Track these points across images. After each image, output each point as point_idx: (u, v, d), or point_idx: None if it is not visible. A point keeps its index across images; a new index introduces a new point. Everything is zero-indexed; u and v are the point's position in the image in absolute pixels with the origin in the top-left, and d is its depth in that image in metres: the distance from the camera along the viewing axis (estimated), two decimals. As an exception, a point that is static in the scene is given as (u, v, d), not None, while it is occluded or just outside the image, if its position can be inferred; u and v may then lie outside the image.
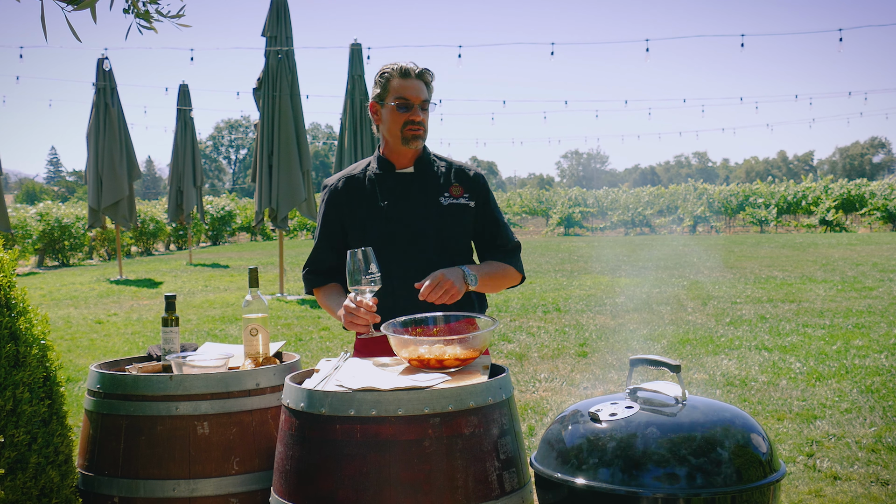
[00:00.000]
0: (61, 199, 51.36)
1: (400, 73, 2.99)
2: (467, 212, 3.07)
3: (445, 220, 3.03)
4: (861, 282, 13.36)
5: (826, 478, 4.52)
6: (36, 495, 2.63)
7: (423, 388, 2.27)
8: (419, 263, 2.94)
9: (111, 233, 22.41)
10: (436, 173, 3.10)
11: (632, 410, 2.41)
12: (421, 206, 3.03)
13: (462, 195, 3.07)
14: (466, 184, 3.10)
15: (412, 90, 2.98)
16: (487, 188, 3.16)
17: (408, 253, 2.98)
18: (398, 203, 3.03)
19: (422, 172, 3.08)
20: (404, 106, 2.97)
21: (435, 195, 3.05)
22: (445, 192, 3.06)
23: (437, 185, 3.07)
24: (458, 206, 3.06)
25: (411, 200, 3.04)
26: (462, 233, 3.07)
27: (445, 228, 3.02)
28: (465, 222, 3.07)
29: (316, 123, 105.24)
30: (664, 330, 9.23)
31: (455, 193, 3.07)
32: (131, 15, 2.92)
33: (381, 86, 3.02)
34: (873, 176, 68.59)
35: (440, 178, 3.08)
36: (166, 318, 3.02)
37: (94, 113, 16.04)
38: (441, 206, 3.04)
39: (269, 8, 12.92)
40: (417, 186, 3.05)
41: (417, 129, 2.99)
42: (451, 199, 3.06)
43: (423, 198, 3.04)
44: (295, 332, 9.55)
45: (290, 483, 2.32)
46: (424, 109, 3.01)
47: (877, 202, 31.43)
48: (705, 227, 33.53)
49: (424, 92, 3.01)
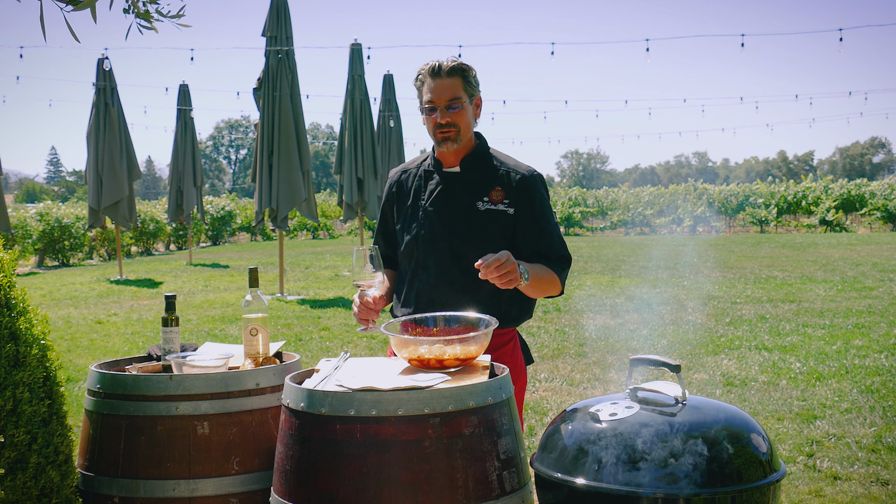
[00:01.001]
0: (61, 199, 51.39)
1: (429, 73, 2.88)
2: (505, 219, 2.90)
3: (478, 226, 2.89)
4: (861, 282, 13.36)
5: (826, 478, 4.52)
6: (36, 495, 2.63)
7: (423, 388, 2.27)
8: (445, 269, 2.89)
9: (111, 233, 22.40)
10: (482, 174, 2.94)
11: (632, 410, 2.41)
12: (457, 209, 2.91)
13: (501, 201, 2.90)
14: (509, 188, 2.91)
15: (437, 90, 2.85)
16: (534, 193, 2.93)
17: (435, 256, 2.91)
18: (437, 203, 2.94)
19: (467, 173, 2.95)
20: (429, 108, 2.88)
21: (474, 198, 2.91)
22: (486, 196, 2.91)
23: (479, 188, 2.92)
24: (495, 213, 2.89)
25: (450, 202, 2.93)
26: (496, 241, 2.88)
27: (476, 234, 2.88)
28: (501, 230, 2.90)
29: (316, 123, 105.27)
30: (664, 330, 9.23)
31: (495, 199, 2.90)
32: (131, 15, 2.92)
33: (417, 88, 2.94)
34: (873, 176, 68.60)
35: (484, 180, 2.93)
36: (166, 318, 3.02)
37: (94, 113, 16.04)
38: (476, 211, 2.90)
39: (269, 8, 12.92)
40: (460, 188, 2.94)
41: (446, 131, 2.87)
42: (488, 205, 2.90)
43: (462, 200, 2.92)
44: (295, 332, 9.55)
45: (290, 483, 2.32)
46: (453, 108, 2.86)
47: (877, 202, 31.42)
48: (705, 227, 33.52)
49: (454, 89, 2.85)
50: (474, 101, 2.94)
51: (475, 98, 2.94)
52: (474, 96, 2.92)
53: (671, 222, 34.02)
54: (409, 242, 2.98)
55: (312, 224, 34.31)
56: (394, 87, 17.10)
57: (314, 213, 13.62)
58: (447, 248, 2.91)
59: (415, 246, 2.96)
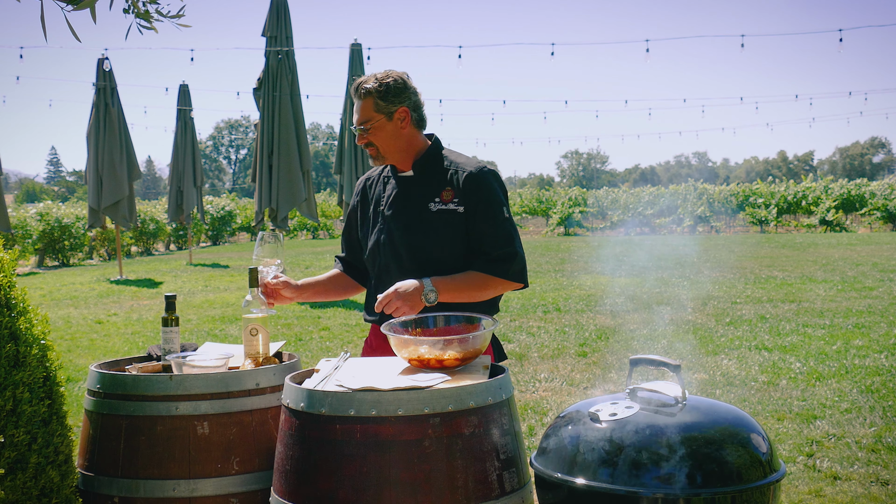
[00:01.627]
0: (61, 199, 51.38)
1: (353, 92, 2.95)
2: (457, 218, 2.89)
3: (431, 228, 2.90)
4: (861, 282, 13.36)
5: (826, 478, 4.52)
6: (36, 495, 2.63)
7: (423, 388, 2.27)
8: (403, 272, 2.91)
9: (111, 233, 22.40)
10: (433, 176, 2.96)
11: (632, 410, 2.41)
12: (411, 212, 2.94)
13: (451, 200, 2.90)
14: (458, 187, 2.91)
15: (355, 111, 2.94)
16: (482, 188, 2.90)
17: (393, 260, 2.96)
18: (393, 208, 2.98)
19: (419, 176, 2.98)
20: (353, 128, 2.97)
21: (426, 200, 2.93)
22: (437, 196, 2.92)
23: (431, 189, 2.94)
24: (447, 213, 2.90)
25: (405, 205, 2.96)
26: (451, 240, 2.89)
27: (430, 236, 2.90)
28: (453, 230, 2.89)
29: (316, 123, 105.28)
30: (664, 330, 9.23)
31: (445, 198, 2.91)
32: (131, 15, 2.93)
33: None
34: (873, 176, 68.54)
35: (436, 181, 2.95)
36: (166, 318, 3.02)
37: (94, 113, 16.04)
38: (429, 213, 2.91)
39: (269, 8, 12.92)
40: (413, 191, 2.96)
41: (367, 150, 2.97)
42: (440, 205, 2.91)
43: (415, 203, 2.94)
44: (295, 332, 9.55)
45: (290, 483, 2.32)
46: (366, 130, 2.91)
47: (877, 202, 31.42)
48: (705, 227, 33.52)
49: (365, 111, 2.90)
50: (395, 115, 2.91)
51: (397, 112, 2.91)
52: (393, 112, 2.91)
53: (671, 222, 34.01)
54: (372, 248, 3.03)
55: (312, 224, 34.31)
56: (394, 87, 17.08)
57: (314, 213, 13.62)
58: (406, 250, 2.93)
59: (377, 251, 3.00)
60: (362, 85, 2.90)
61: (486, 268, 2.89)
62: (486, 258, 2.90)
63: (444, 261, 2.90)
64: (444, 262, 2.90)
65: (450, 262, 2.90)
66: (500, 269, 2.89)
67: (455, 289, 2.85)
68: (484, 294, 2.93)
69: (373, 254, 3.03)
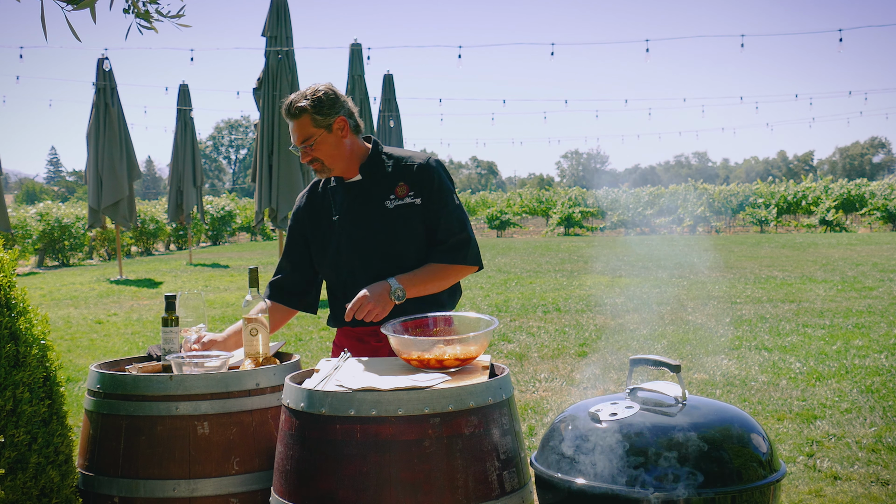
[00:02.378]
0: (61, 199, 51.39)
1: (285, 114, 2.93)
2: (415, 210, 2.93)
3: (392, 225, 2.93)
4: (861, 282, 13.36)
5: (826, 478, 4.52)
6: (36, 495, 2.63)
7: (423, 388, 2.27)
8: (368, 274, 2.92)
9: (111, 233, 22.41)
10: (383, 175, 2.98)
11: (632, 410, 2.41)
12: (368, 214, 2.96)
13: (407, 194, 2.94)
14: (410, 179, 2.95)
15: (293, 132, 2.93)
16: (434, 178, 2.96)
17: (358, 265, 2.95)
18: (347, 214, 2.98)
19: (368, 178, 2.99)
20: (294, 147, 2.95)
21: (381, 199, 2.95)
22: (391, 194, 2.95)
23: (384, 188, 2.96)
24: (405, 207, 2.93)
25: (358, 210, 2.97)
26: (415, 234, 2.95)
27: (393, 233, 2.93)
28: (413, 222, 2.94)
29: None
30: (664, 330, 9.23)
31: (400, 193, 2.94)
32: (131, 15, 2.93)
33: None
34: (873, 176, 68.55)
35: (386, 180, 2.97)
36: (166, 318, 3.02)
37: (94, 113, 16.04)
38: (387, 211, 2.94)
39: (269, 8, 12.92)
40: (364, 194, 2.98)
41: (312, 166, 2.95)
42: (397, 201, 2.94)
43: (369, 205, 2.96)
44: (295, 332, 9.55)
45: (291, 483, 2.32)
46: (308, 146, 2.90)
47: (877, 202, 31.43)
48: (705, 227, 33.52)
49: (304, 129, 2.89)
50: (334, 126, 2.92)
51: (335, 122, 2.92)
52: (331, 123, 2.91)
53: (671, 222, 34.02)
54: (333, 258, 3.01)
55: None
56: (394, 87, 17.11)
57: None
58: (372, 252, 2.94)
59: (339, 260, 2.99)
60: (294, 104, 2.89)
61: (444, 257, 2.95)
62: (444, 247, 2.96)
63: (410, 255, 2.95)
64: (410, 256, 2.95)
65: (416, 255, 2.96)
66: (458, 256, 2.97)
67: (420, 282, 2.90)
68: (447, 283, 3.00)
69: (334, 264, 3.02)
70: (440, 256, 2.95)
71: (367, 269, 2.93)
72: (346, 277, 3.00)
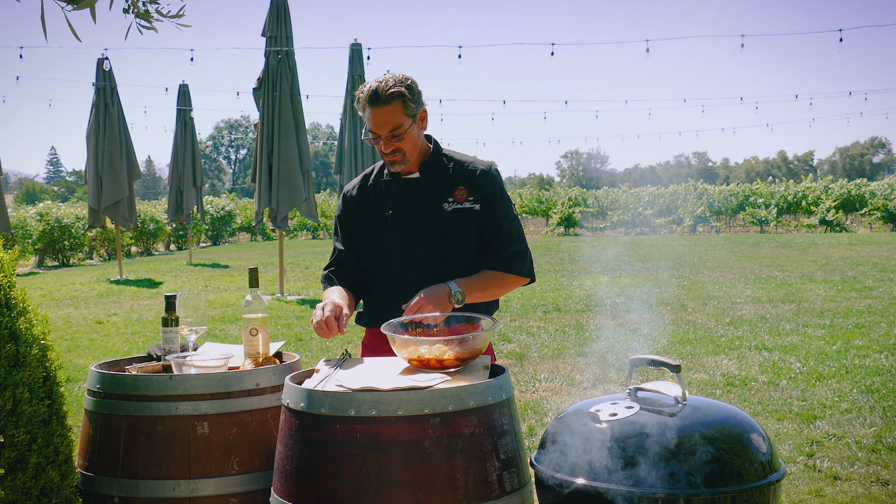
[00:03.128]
0: (61, 199, 51.39)
1: (368, 100, 2.79)
2: (473, 216, 2.90)
3: (448, 228, 2.89)
4: (861, 282, 13.36)
5: (826, 478, 4.52)
6: (36, 495, 2.63)
7: (423, 388, 2.27)
8: (419, 274, 2.88)
9: (111, 233, 22.41)
10: (442, 176, 2.93)
11: (632, 410, 2.41)
12: (423, 214, 2.91)
13: (467, 199, 2.90)
14: (472, 185, 2.91)
15: (377, 121, 2.80)
16: (495, 186, 2.94)
17: (408, 263, 2.90)
18: (401, 211, 2.93)
19: (427, 177, 2.94)
20: (373, 137, 2.84)
21: (439, 200, 2.91)
22: (450, 196, 2.91)
23: (442, 190, 2.91)
24: (463, 211, 2.90)
25: (414, 208, 2.92)
26: (467, 239, 2.91)
27: (448, 236, 2.89)
28: (470, 227, 2.90)
29: (316, 123, 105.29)
30: (664, 330, 9.23)
31: (460, 198, 2.90)
32: (131, 15, 2.92)
33: (360, 112, 2.86)
34: (873, 176, 68.54)
35: (446, 181, 2.93)
36: (166, 318, 3.02)
37: (94, 113, 16.04)
38: (444, 213, 2.90)
39: (269, 8, 12.92)
40: (422, 193, 2.93)
41: (392, 157, 2.86)
42: (455, 205, 2.90)
43: (426, 204, 2.91)
44: (295, 332, 9.55)
45: (290, 483, 2.32)
46: (396, 137, 2.81)
47: (877, 202, 31.44)
48: (705, 227, 33.52)
49: (394, 117, 2.78)
50: (418, 116, 2.86)
51: (419, 113, 2.86)
52: (417, 114, 2.85)
53: (671, 222, 34.02)
54: (381, 253, 2.96)
55: (312, 224, 34.31)
56: (394, 87, 17.07)
57: (314, 213, 13.61)
58: (420, 253, 2.90)
59: (388, 255, 2.94)
60: (385, 90, 2.76)
61: (502, 265, 2.93)
62: (502, 255, 2.93)
63: (462, 260, 2.92)
64: (462, 261, 2.92)
65: (468, 261, 2.93)
66: (516, 266, 2.94)
67: (478, 288, 2.87)
68: (502, 291, 2.98)
69: (382, 259, 2.96)
70: (499, 265, 2.92)
71: (415, 268, 2.89)
72: (391, 273, 2.94)
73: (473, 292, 2.85)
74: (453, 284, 2.80)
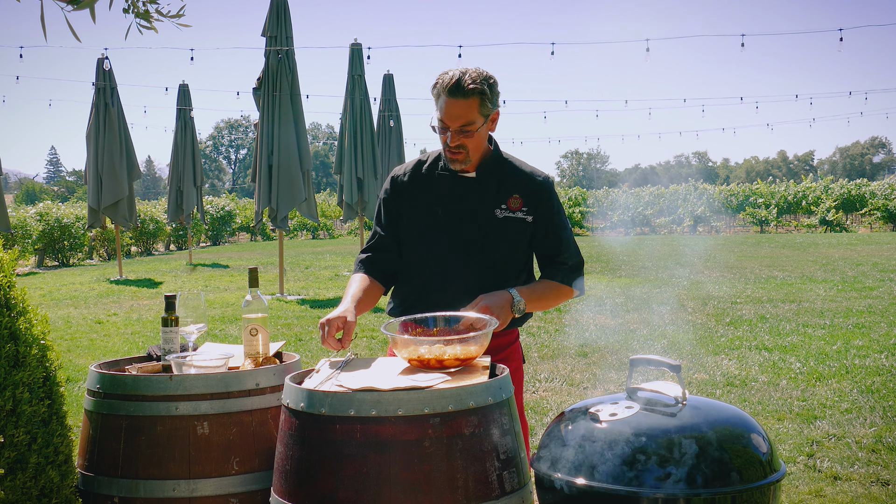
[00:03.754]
0: (61, 199, 51.38)
1: (447, 90, 2.69)
2: (524, 226, 2.84)
3: (497, 235, 2.83)
4: (861, 282, 13.36)
5: (826, 478, 4.52)
6: (36, 495, 2.63)
7: (423, 388, 2.27)
8: (462, 278, 2.83)
9: (111, 233, 22.41)
10: (498, 181, 2.85)
11: (632, 410, 2.41)
12: (474, 217, 2.83)
13: (520, 208, 2.83)
14: (527, 195, 2.84)
15: (450, 112, 2.70)
16: (552, 198, 2.89)
17: (451, 265, 2.84)
18: (452, 210, 2.85)
19: (483, 179, 2.85)
20: (442, 129, 2.75)
21: (492, 206, 2.83)
22: (503, 203, 2.84)
23: (496, 195, 2.83)
24: (514, 221, 2.83)
25: (465, 209, 2.84)
26: (516, 248, 2.86)
27: (495, 243, 2.83)
28: (520, 237, 2.85)
29: (316, 123, 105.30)
30: (664, 330, 9.23)
31: (513, 206, 2.83)
32: (131, 15, 2.92)
33: (434, 97, 2.76)
34: (873, 176, 68.56)
35: (501, 187, 2.84)
36: (166, 318, 3.02)
37: (94, 113, 16.03)
38: (495, 220, 2.83)
39: (269, 8, 12.92)
40: (475, 195, 2.85)
41: (455, 153, 2.76)
42: (507, 213, 2.83)
43: (478, 208, 2.84)
44: (295, 332, 9.55)
45: (290, 483, 2.32)
46: (465, 133, 2.72)
47: (877, 202, 31.45)
48: (705, 227, 33.53)
49: (469, 113, 2.69)
50: (490, 117, 2.77)
51: (492, 114, 2.78)
52: (490, 114, 2.76)
53: (671, 222, 34.02)
54: (425, 250, 2.88)
55: (312, 224, 34.31)
56: (394, 87, 17.10)
57: (314, 213, 13.61)
58: (466, 256, 2.84)
59: (432, 253, 2.87)
60: (467, 83, 2.67)
61: (563, 277, 2.90)
62: (564, 267, 2.90)
63: (508, 269, 2.87)
64: (508, 270, 2.87)
65: (513, 270, 2.89)
66: (575, 279, 2.92)
67: (537, 298, 2.85)
68: (557, 302, 2.95)
69: (426, 256, 2.88)
70: (560, 276, 2.89)
71: (457, 272, 2.83)
72: (434, 272, 2.87)
73: (532, 302, 2.81)
74: (515, 293, 2.75)
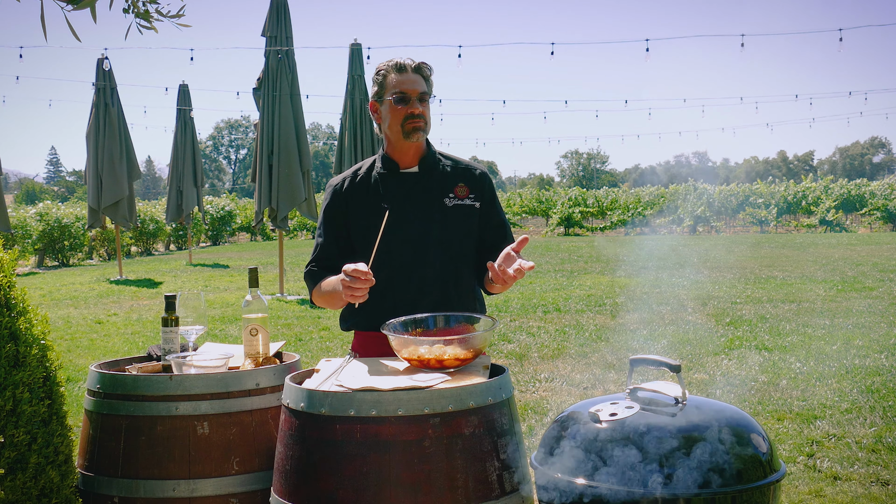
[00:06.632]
0: (61, 199, 51.37)
1: (396, 69, 2.95)
2: (473, 213, 3.00)
3: (449, 223, 2.96)
4: (861, 282, 13.36)
5: (826, 478, 4.52)
6: (36, 495, 2.63)
7: (423, 388, 2.27)
8: (421, 267, 2.91)
9: (111, 233, 22.40)
10: (441, 173, 3.01)
11: (632, 410, 2.41)
12: (424, 208, 2.96)
13: (468, 196, 3.00)
14: (472, 183, 3.02)
15: (408, 83, 2.92)
16: (493, 187, 3.08)
17: (409, 256, 2.92)
18: (401, 204, 2.95)
19: (426, 172, 3.00)
20: (402, 99, 2.91)
21: (439, 196, 2.98)
22: (450, 192, 2.99)
23: (442, 186, 2.99)
24: (464, 207, 2.99)
25: (414, 202, 2.96)
26: (466, 235, 2.99)
27: (449, 231, 2.95)
28: (470, 224, 3.00)
29: (316, 123, 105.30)
30: (664, 330, 9.23)
31: (460, 194, 3.00)
32: (131, 15, 2.92)
33: (378, 83, 2.97)
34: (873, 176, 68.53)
35: (445, 178, 3.01)
36: (166, 318, 3.02)
37: (94, 113, 16.03)
38: (446, 208, 2.97)
39: (269, 8, 12.92)
40: (421, 187, 2.98)
41: (418, 121, 2.92)
42: (456, 201, 2.99)
43: (426, 199, 2.97)
44: (295, 332, 9.55)
45: (290, 483, 2.32)
46: (423, 101, 2.93)
47: (877, 202, 31.44)
48: (705, 227, 33.51)
49: (422, 85, 2.94)
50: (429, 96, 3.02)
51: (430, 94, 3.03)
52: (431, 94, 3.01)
53: (671, 222, 34.00)
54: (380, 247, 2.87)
55: (312, 224, 34.28)
56: (394, 87, 17.07)
57: (314, 213, 13.60)
58: (431, 246, 2.93)
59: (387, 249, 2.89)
60: (415, 62, 2.97)
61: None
62: None
63: (465, 254, 2.99)
64: (465, 255, 2.99)
65: (469, 255, 3.01)
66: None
67: None
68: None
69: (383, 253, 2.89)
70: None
71: (418, 262, 2.93)
72: (394, 268, 2.91)
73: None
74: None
